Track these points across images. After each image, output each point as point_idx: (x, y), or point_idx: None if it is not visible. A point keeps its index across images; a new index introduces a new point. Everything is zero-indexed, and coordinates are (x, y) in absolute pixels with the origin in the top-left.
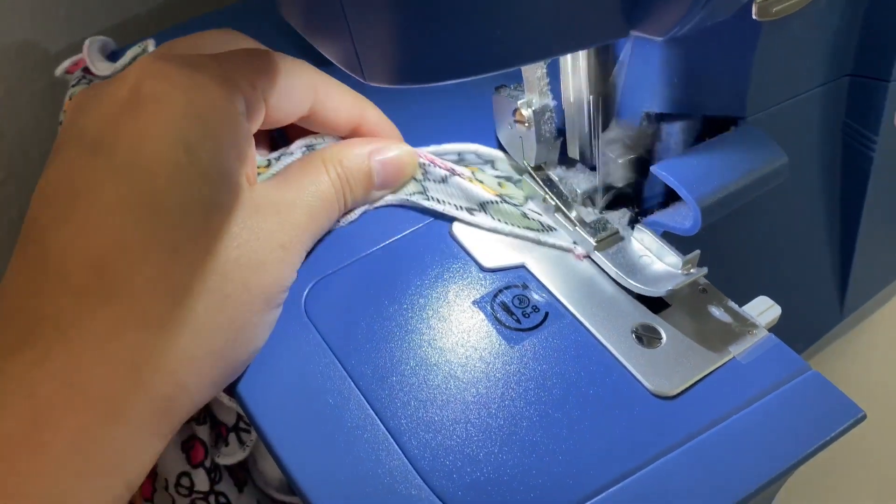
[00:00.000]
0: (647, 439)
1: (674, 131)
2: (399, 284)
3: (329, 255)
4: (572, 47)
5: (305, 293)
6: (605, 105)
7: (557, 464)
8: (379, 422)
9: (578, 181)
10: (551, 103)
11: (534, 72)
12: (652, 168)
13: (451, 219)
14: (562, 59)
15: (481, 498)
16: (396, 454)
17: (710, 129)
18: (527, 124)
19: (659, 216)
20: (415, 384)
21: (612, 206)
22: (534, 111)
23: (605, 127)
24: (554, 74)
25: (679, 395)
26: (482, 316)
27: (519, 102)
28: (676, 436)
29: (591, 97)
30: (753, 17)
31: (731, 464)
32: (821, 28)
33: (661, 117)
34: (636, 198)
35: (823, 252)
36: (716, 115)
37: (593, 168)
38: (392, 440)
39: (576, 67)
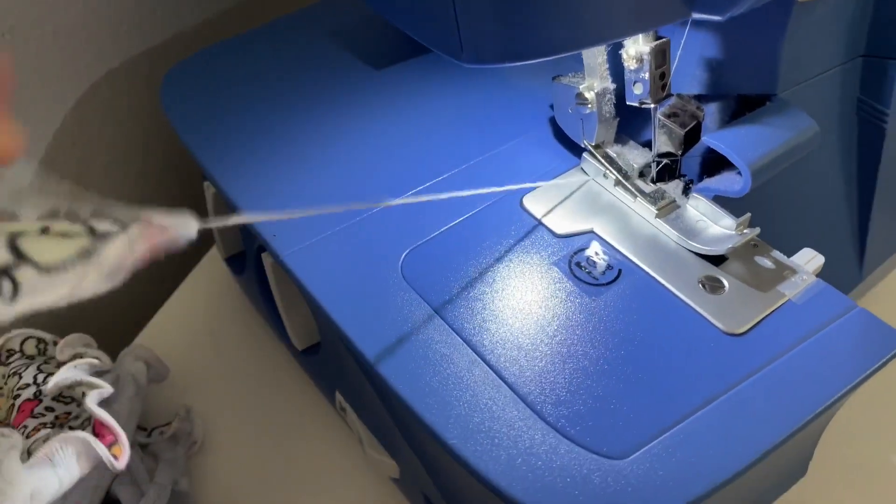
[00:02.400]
0: (723, 371)
1: (710, 111)
2: (484, 251)
3: (415, 227)
4: (641, 28)
5: (401, 261)
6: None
7: (649, 393)
8: (486, 365)
9: (634, 157)
10: (610, 86)
11: (595, 58)
12: (704, 139)
13: (521, 194)
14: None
15: (586, 424)
16: (505, 390)
17: (742, 106)
18: (590, 106)
19: (710, 182)
20: (512, 333)
21: (662, 178)
22: (596, 93)
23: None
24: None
25: (746, 332)
26: (562, 274)
27: (581, 87)
28: (748, 367)
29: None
30: None
31: (795, 390)
32: (839, 12)
33: (697, 98)
34: (706, 168)
35: (843, 216)
36: (749, 93)
37: (645, 145)
38: (499, 379)
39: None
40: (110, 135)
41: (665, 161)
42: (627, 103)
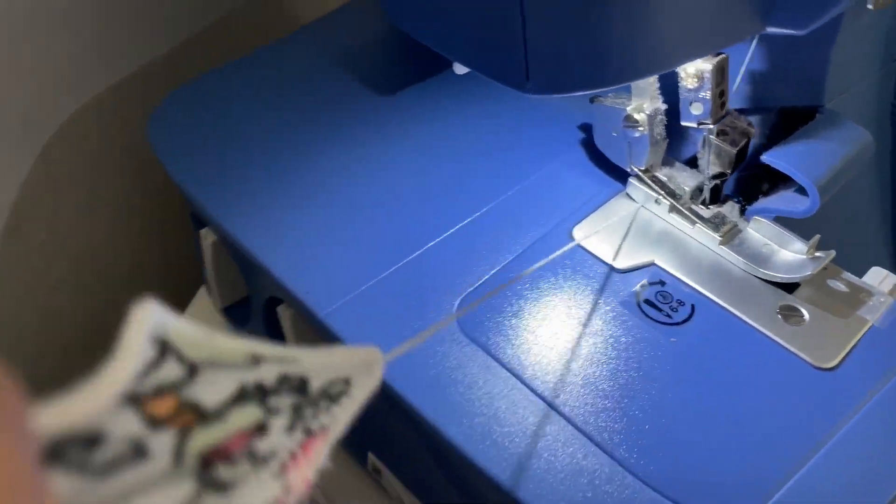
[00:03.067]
0: (825, 410)
1: (754, 124)
2: (542, 293)
3: (462, 271)
4: (716, 46)
5: (455, 311)
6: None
7: (754, 443)
8: (571, 426)
9: (684, 179)
10: (661, 106)
11: (646, 79)
12: (763, 157)
13: (570, 225)
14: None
15: (696, 488)
16: (597, 453)
17: (783, 119)
18: (642, 128)
19: (770, 203)
20: (589, 384)
21: (715, 200)
22: (648, 115)
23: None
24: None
25: (838, 365)
26: (632, 315)
27: (629, 108)
28: (850, 404)
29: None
30: (868, 6)
31: None
32: (880, 16)
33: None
34: (741, 189)
35: (878, 226)
36: (794, 105)
37: (693, 165)
38: (587, 439)
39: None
40: (82, 177)
41: (718, 182)
42: (683, 124)
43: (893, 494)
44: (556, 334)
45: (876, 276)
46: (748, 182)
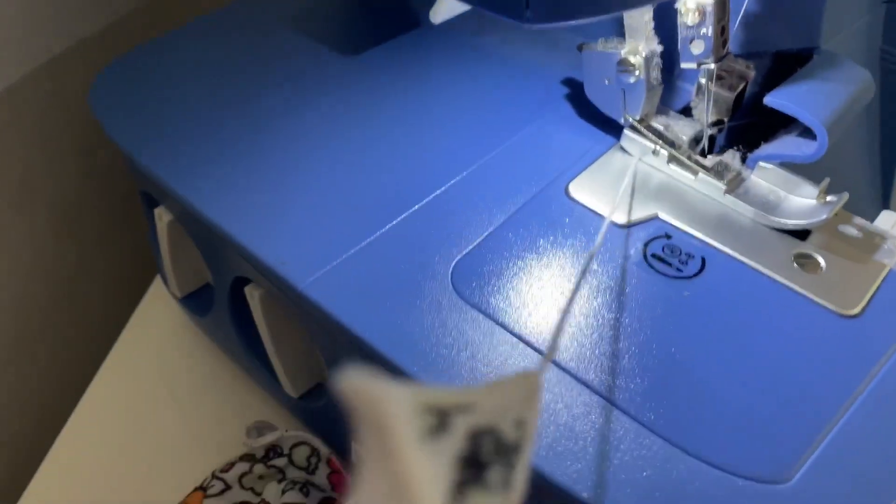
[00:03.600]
0: (856, 359)
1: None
2: (542, 253)
3: (454, 234)
4: None
5: (450, 276)
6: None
7: (787, 398)
8: (588, 389)
9: (681, 128)
10: (658, 48)
11: (641, 16)
12: (766, 99)
13: (565, 182)
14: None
15: (731, 447)
16: (623, 418)
17: (779, 63)
18: (637, 73)
19: (773, 148)
20: (604, 347)
21: (713, 148)
22: (644, 57)
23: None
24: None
25: (862, 311)
26: (641, 270)
27: (623, 51)
28: (880, 350)
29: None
30: None
31: None
32: None
33: None
34: (748, 136)
35: (867, 170)
36: (789, 48)
37: (687, 112)
38: (610, 404)
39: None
40: (12, 164)
41: (716, 131)
42: (682, 65)
43: None
44: (562, 295)
45: (888, 220)
46: (743, 132)
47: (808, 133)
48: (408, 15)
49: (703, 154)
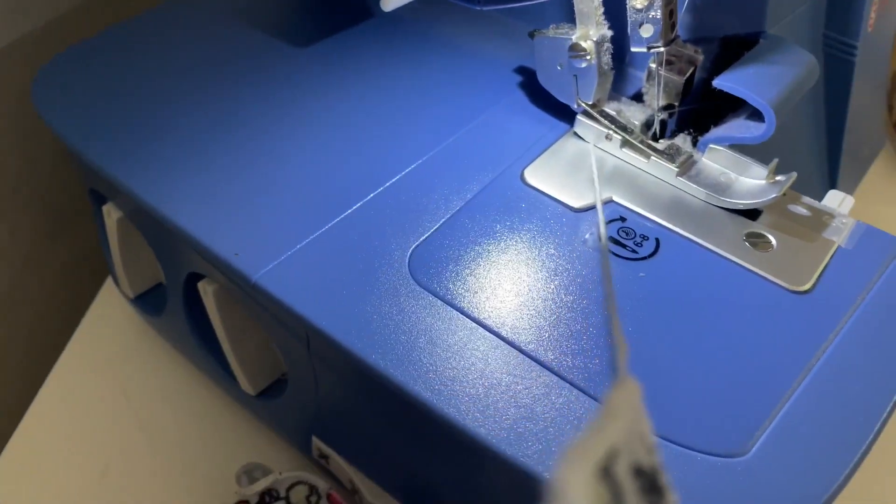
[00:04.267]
0: (808, 334)
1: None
2: (499, 238)
3: (410, 222)
4: None
5: (407, 263)
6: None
7: (741, 374)
8: (548, 371)
9: (633, 113)
10: (608, 33)
11: (591, 2)
12: (714, 82)
13: (519, 169)
14: None
15: (687, 423)
16: (579, 396)
17: (725, 49)
18: (589, 57)
19: (723, 131)
20: (560, 328)
21: (664, 133)
22: (595, 41)
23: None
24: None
25: (812, 288)
26: (597, 253)
27: (574, 37)
28: (830, 325)
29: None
30: None
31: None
32: None
33: None
34: (698, 120)
35: (814, 154)
36: (736, 33)
37: (638, 99)
38: (567, 383)
39: None
40: None
41: (666, 115)
42: (632, 49)
43: (888, 407)
44: (520, 279)
45: (834, 199)
46: (693, 116)
47: (756, 115)
48: (356, 5)
49: (655, 138)
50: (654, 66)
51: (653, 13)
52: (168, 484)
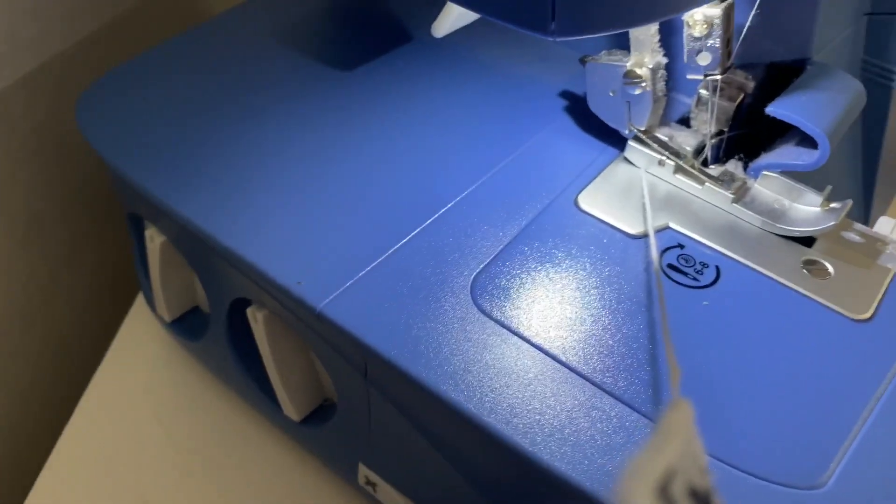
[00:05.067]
0: (872, 362)
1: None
2: (558, 264)
3: (469, 249)
4: None
5: (469, 291)
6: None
7: (811, 403)
8: (619, 402)
9: (684, 138)
10: (663, 60)
11: (647, 30)
12: (768, 109)
13: (573, 194)
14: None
15: (761, 454)
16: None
17: (771, 74)
18: (644, 84)
19: (775, 157)
20: (628, 358)
21: (717, 158)
22: (650, 69)
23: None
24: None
25: (872, 316)
26: (659, 281)
27: (629, 64)
28: (894, 352)
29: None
30: None
31: None
32: None
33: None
34: (743, 145)
35: (850, 180)
36: (782, 59)
37: (684, 123)
38: (637, 414)
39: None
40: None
41: (718, 139)
42: (689, 77)
43: None
44: (583, 307)
45: (886, 226)
46: (740, 141)
47: (806, 141)
48: (398, 29)
49: (706, 164)
50: (704, 92)
51: (711, 41)
52: None
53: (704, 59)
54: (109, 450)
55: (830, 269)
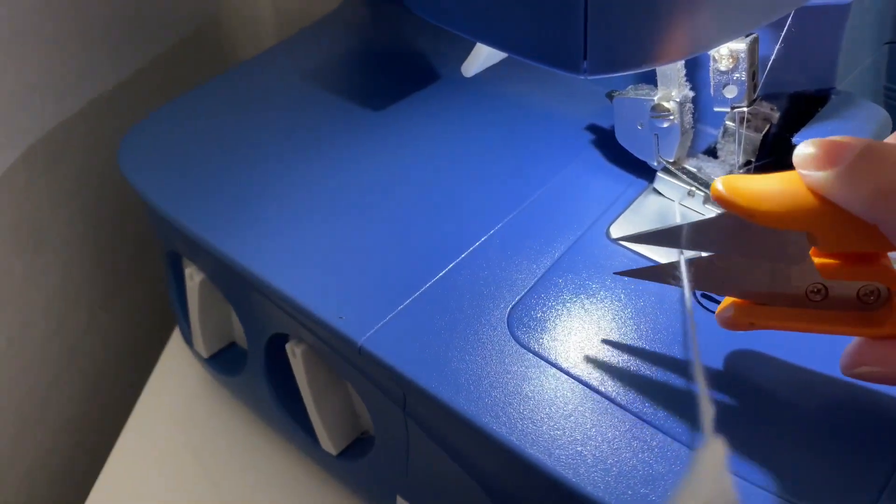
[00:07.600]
0: None
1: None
2: (593, 295)
3: (505, 281)
4: (778, 12)
5: (506, 323)
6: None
7: (852, 429)
8: (661, 433)
9: (712, 169)
10: (689, 93)
11: (675, 65)
12: (795, 139)
13: (604, 226)
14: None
15: (814, 485)
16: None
17: (795, 103)
18: (672, 117)
19: None
20: (670, 391)
21: None
22: (678, 102)
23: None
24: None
25: None
26: (694, 311)
27: (656, 98)
28: None
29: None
30: None
31: None
32: (873, 1)
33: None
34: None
35: None
36: (807, 89)
37: (711, 154)
38: (684, 447)
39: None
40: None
41: (745, 170)
42: (716, 109)
43: None
44: (619, 337)
45: None
46: (767, 171)
47: None
48: (428, 69)
49: None
50: (731, 123)
51: (737, 75)
52: None
53: (731, 92)
54: (148, 486)
55: None
